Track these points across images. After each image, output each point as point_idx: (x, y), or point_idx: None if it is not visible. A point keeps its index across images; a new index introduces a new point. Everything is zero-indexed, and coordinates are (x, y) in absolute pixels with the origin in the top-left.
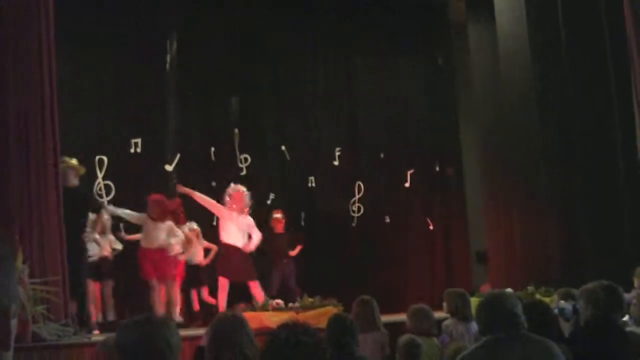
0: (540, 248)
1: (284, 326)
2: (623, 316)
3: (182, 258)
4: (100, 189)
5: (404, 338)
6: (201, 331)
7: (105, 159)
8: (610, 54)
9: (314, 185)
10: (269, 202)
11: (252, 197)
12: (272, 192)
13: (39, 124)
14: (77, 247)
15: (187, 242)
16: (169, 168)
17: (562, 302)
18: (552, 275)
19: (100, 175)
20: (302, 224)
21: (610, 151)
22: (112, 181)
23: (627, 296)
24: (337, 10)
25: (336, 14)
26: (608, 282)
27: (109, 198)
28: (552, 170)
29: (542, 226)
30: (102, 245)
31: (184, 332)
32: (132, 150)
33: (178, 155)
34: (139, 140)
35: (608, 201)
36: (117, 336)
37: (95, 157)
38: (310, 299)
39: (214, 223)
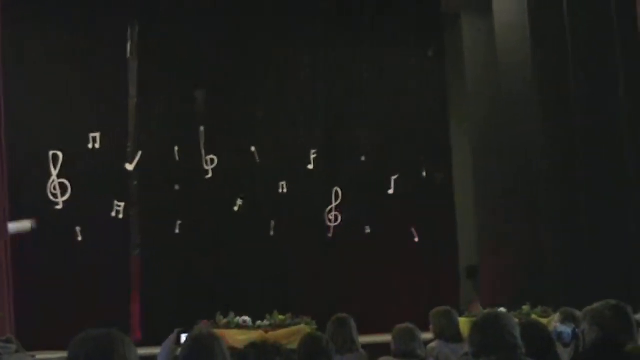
0: (537, 263)
1: (252, 346)
2: (633, 340)
3: None
4: (54, 188)
5: None
6: (156, 350)
7: (60, 154)
8: (620, 44)
9: (285, 190)
10: (236, 208)
11: (219, 202)
12: (240, 198)
13: None
14: None
15: None
16: (129, 167)
17: (560, 325)
18: (550, 293)
19: (54, 172)
20: (272, 233)
21: (617, 155)
22: (67, 180)
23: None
24: None
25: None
26: (615, 301)
27: (64, 198)
28: (553, 176)
29: (540, 239)
30: None
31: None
32: (90, 146)
33: (139, 153)
34: (97, 135)
35: (614, 212)
36: (69, 351)
37: (49, 153)
38: (280, 317)
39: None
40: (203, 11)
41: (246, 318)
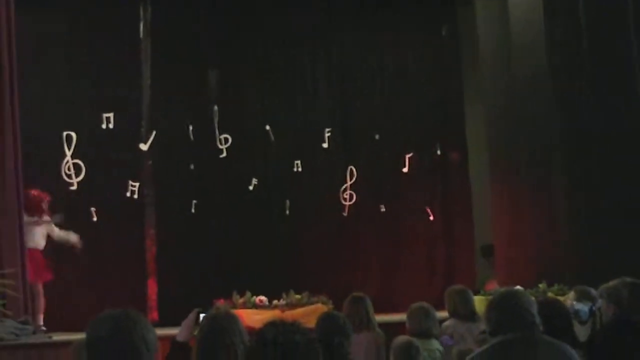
0: (552, 241)
1: (272, 324)
2: None
3: None
4: (69, 169)
5: (400, 339)
6: (172, 331)
7: (74, 135)
8: (635, 21)
9: (300, 169)
10: (250, 187)
11: (234, 181)
12: (255, 177)
13: None
14: None
15: None
16: (144, 147)
17: (577, 302)
18: (565, 271)
19: (68, 153)
20: (287, 212)
21: (634, 136)
22: (81, 160)
23: None
24: None
25: None
26: (631, 279)
27: (79, 179)
28: (569, 154)
29: (555, 217)
30: None
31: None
32: (104, 126)
33: (154, 133)
34: (111, 115)
35: (630, 191)
36: (87, 331)
37: (63, 133)
38: (297, 296)
39: None
40: None
41: (262, 297)
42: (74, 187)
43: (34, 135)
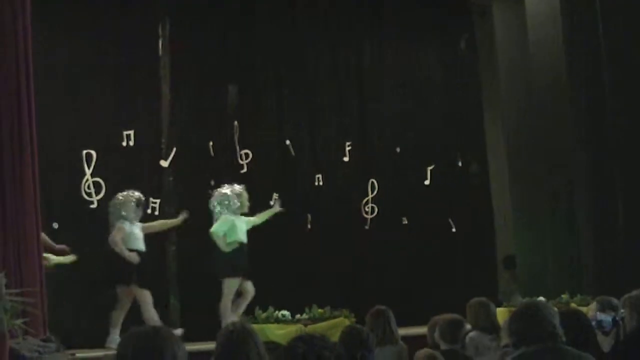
0: (574, 252)
1: (301, 339)
2: None
3: None
4: (89, 187)
5: (422, 353)
6: (196, 346)
7: (93, 153)
8: None
9: (321, 183)
10: (272, 202)
11: (254, 197)
12: (276, 192)
13: (14, 118)
14: None
15: None
16: (164, 164)
17: (600, 313)
18: (587, 282)
19: (88, 171)
20: (309, 226)
21: None
22: (101, 178)
23: None
24: None
25: None
26: None
27: (99, 197)
28: (588, 165)
29: (576, 227)
30: None
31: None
32: (124, 144)
33: (174, 150)
34: (131, 133)
35: None
36: (119, 347)
37: (82, 151)
38: (319, 310)
39: None
40: (233, 7)
41: (285, 312)
42: (94, 206)
43: (53, 154)
